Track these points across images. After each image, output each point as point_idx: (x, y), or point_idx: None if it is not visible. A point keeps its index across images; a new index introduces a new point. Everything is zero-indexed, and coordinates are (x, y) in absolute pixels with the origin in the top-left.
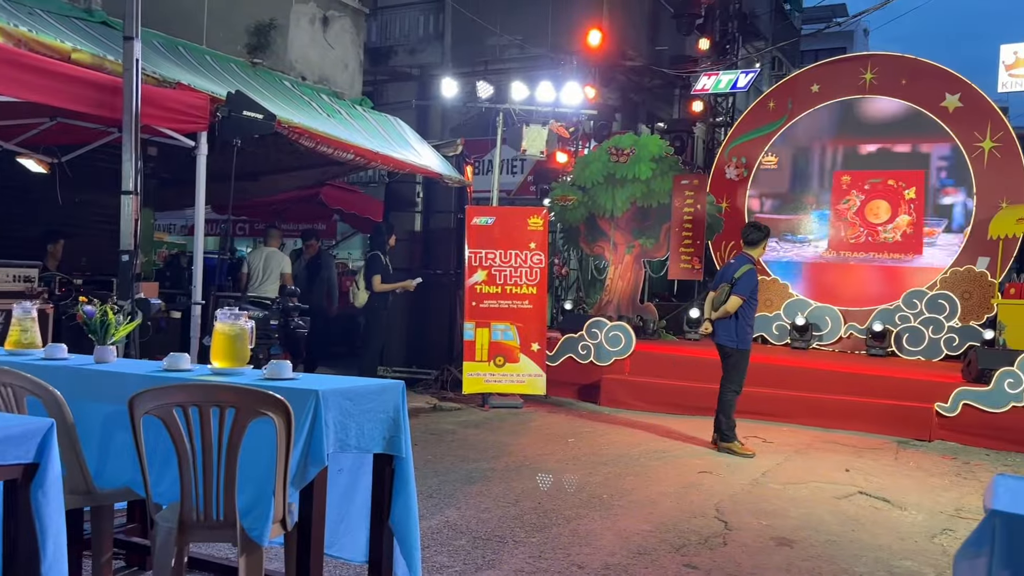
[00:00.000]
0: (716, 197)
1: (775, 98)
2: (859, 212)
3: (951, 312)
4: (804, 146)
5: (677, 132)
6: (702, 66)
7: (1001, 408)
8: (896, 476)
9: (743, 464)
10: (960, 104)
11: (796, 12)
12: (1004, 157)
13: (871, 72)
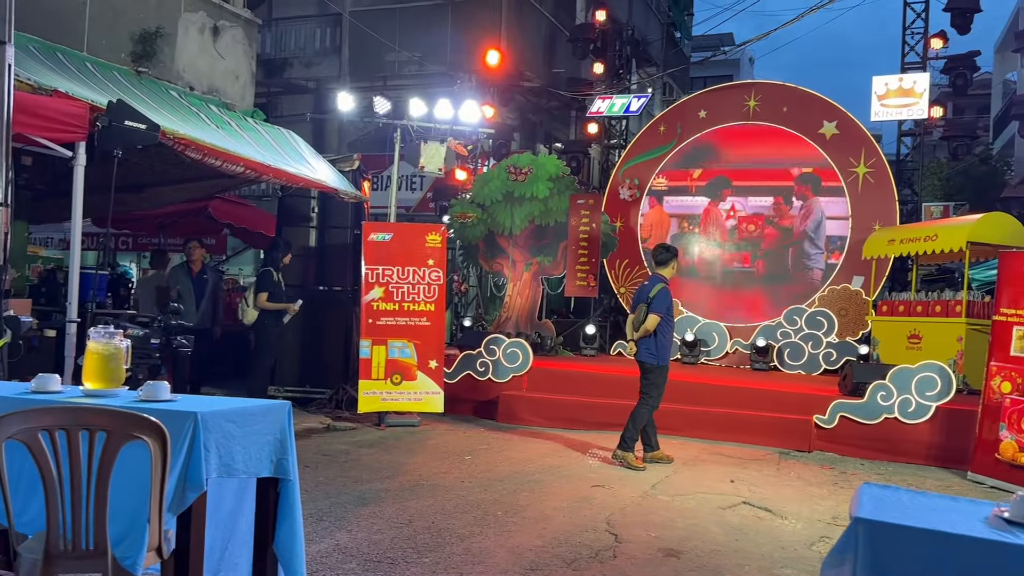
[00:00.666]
0: (611, 217)
1: (665, 122)
2: (743, 233)
3: (829, 328)
4: (693, 169)
5: (574, 153)
6: (597, 89)
7: (874, 420)
8: (778, 486)
9: (634, 477)
10: (837, 131)
11: (686, 40)
12: (877, 182)
13: (754, 99)
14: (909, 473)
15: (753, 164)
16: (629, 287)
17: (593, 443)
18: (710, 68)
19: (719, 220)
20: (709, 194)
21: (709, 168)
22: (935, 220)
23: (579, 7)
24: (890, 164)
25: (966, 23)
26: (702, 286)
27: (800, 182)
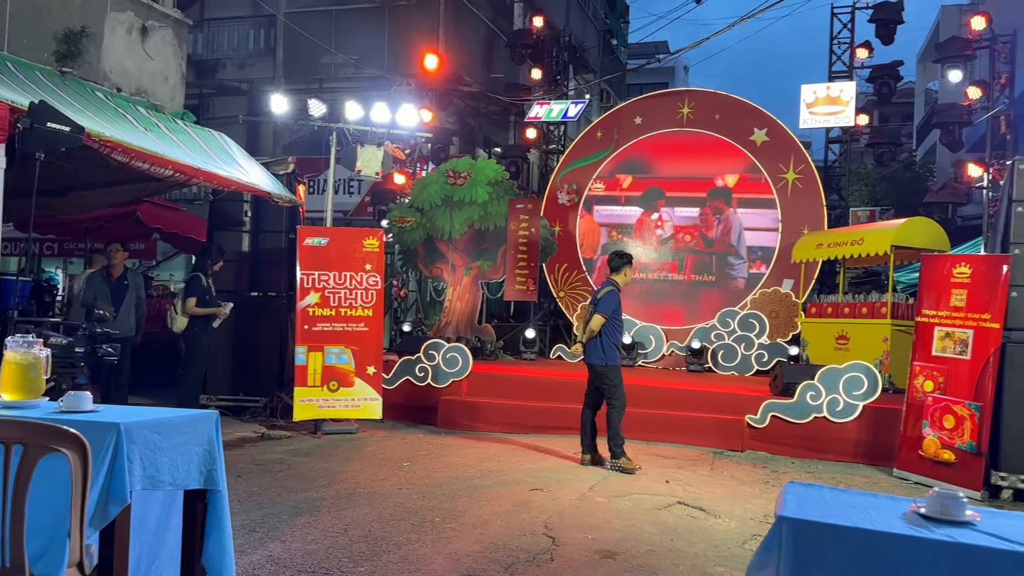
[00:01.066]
0: (550, 221)
1: (602, 128)
2: (678, 237)
3: (760, 330)
4: (628, 176)
5: (513, 157)
6: (535, 95)
7: (804, 419)
8: (712, 486)
9: (572, 480)
10: (767, 138)
11: (622, 47)
12: (805, 188)
13: (688, 107)
14: (838, 471)
15: (686, 174)
16: (568, 291)
17: (533, 447)
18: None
19: (651, 229)
20: (643, 204)
21: (643, 178)
22: (861, 225)
23: (517, 13)
24: (818, 170)
25: (889, 34)
26: (638, 290)
27: (712, 197)
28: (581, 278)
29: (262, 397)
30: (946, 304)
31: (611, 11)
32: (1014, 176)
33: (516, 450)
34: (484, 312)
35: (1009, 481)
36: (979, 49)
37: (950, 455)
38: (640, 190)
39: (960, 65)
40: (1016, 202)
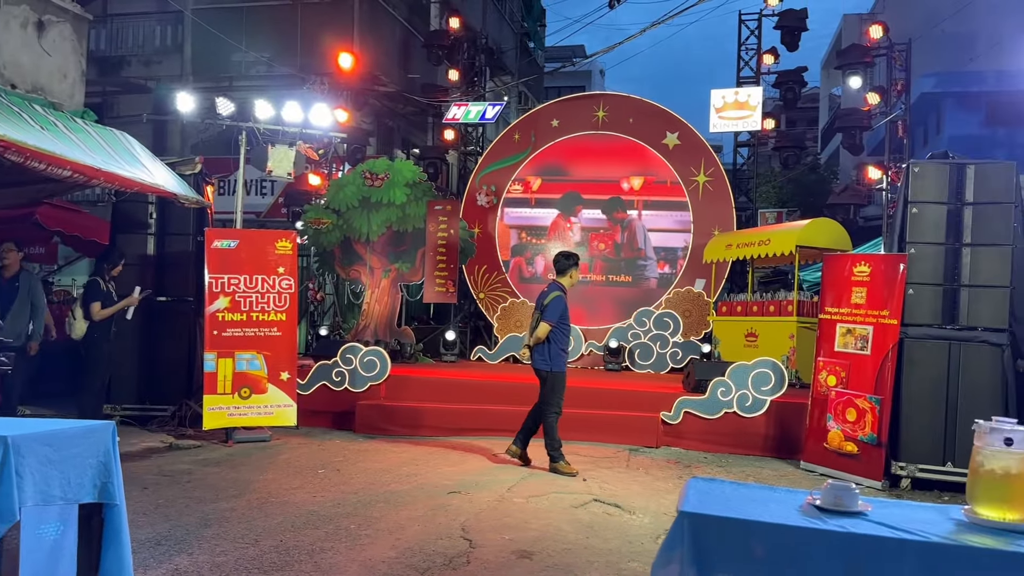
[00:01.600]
0: (469, 223)
1: (520, 130)
2: (594, 238)
3: (675, 329)
4: (546, 176)
5: (431, 159)
6: (453, 96)
7: (715, 415)
8: (627, 482)
9: (491, 482)
10: (679, 142)
11: (539, 50)
12: (715, 190)
13: (603, 110)
14: (748, 464)
15: (602, 177)
16: (489, 292)
17: (453, 449)
18: (564, 79)
19: (565, 232)
20: (560, 207)
21: (560, 180)
22: (769, 226)
23: (433, 13)
24: (728, 173)
25: (794, 41)
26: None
27: (611, 207)
28: (501, 279)
29: (170, 406)
30: (847, 302)
31: (528, 14)
32: (909, 178)
33: (435, 453)
34: (403, 315)
35: (908, 471)
36: (877, 56)
37: (853, 447)
38: (557, 192)
39: (860, 72)
40: (911, 203)
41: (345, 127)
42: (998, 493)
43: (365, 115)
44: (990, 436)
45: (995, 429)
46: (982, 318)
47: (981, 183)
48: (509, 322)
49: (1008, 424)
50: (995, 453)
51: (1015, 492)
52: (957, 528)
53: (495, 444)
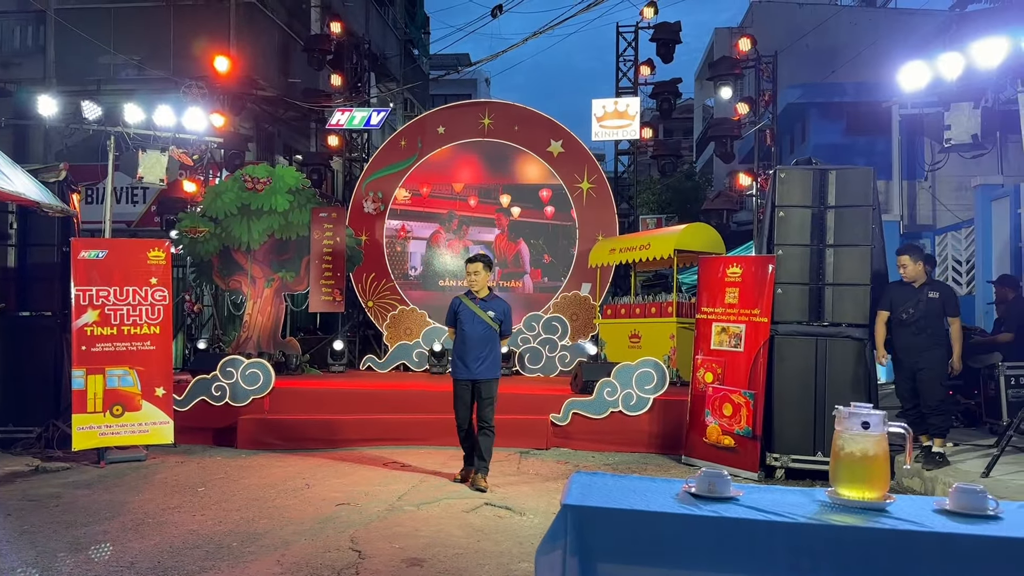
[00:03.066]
0: (355, 230)
1: (406, 136)
2: (484, 246)
3: (563, 332)
4: (433, 183)
5: (315, 165)
6: (336, 101)
7: (602, 414)
8: (518, 484)
9: (381, 491)
10: (563, 150)
11: (424, 58)
12: (599, 196)
13: (488, 118)
14: (634, 461)
15: (488, 184)
16: (378, 301)
17: (339, 461)
18: (450, 86)
19: (453, 239)
20: (447, 215)
21: (447, 186)
22: (649, 231)
23: (314, 18)
24: (610, 180)
25: (669, 53)
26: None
27: (532, 196)
28: (390, 287)
29: (36, 427)
30: (722, 302)
31: (411, 22)
32: (776, 184)
33: (323, 466)
34: (288, 325)
35: (781, 461)
36: (746, 69)
37: (730, 440)
38: (445, 197)
39: (730, 83)
40: (778, 207)
41: (222, 132)
42: (858, 474)
43: (244, 120)
44: (849, 420)
45: (853, 414)
46: (845, 314)
47: (842, 188)
48: (399, 330)
49: (865, 409)
50: (854, 436)
51: (873, 472)
52: (821, 509)
53: (386, 454)
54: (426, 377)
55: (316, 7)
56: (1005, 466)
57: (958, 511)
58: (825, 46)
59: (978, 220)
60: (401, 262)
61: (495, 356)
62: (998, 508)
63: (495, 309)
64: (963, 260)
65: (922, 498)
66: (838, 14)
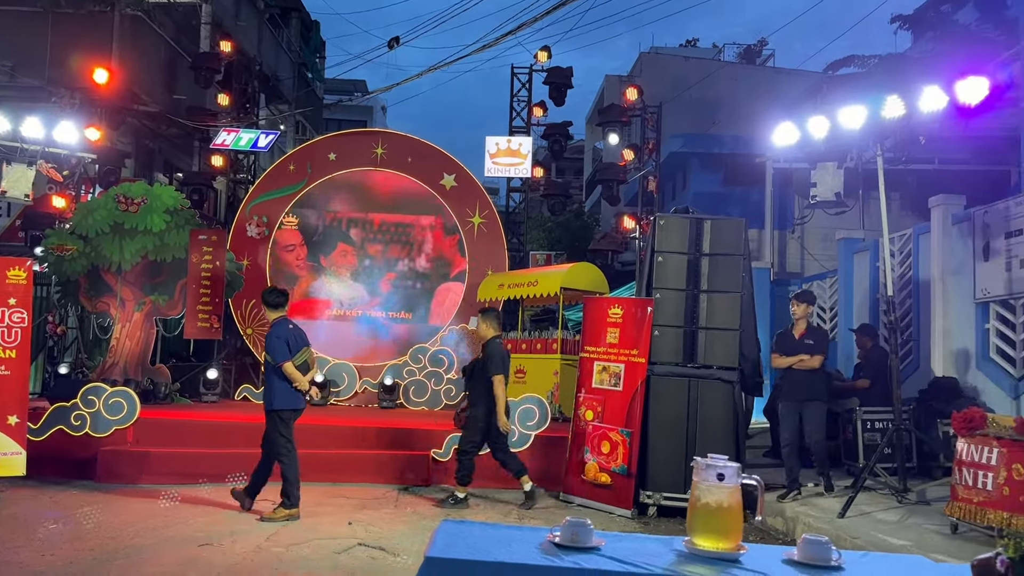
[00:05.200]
0: (237, 254)
1: (295, 161)
2: (374, 276)
3: (449, 366)
4: (322, 210)
5: (197, 185)
6: (222, 121)
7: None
8: (394, 523)
9: (249, 531)
10: (456, 184)
11: (319, 82)
12: (489, 231)
13: (382, 147)
14: (513, 497)
15: (381, 213)
16: (257, 328)
17: (208, 499)
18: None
19: (344, 265)
20: (339, 239)
21: (339, 213)
22: (537, 267)
23: (204, 35)
24: (502, 216)
25: (561, 96)
26: (332, 327)
27: (423, 228)
28: None
29: None
30: (604, 341)
31: (306, 45)
32: (656, 230)
33: (187, 502)
34: (159, 351)
35: (654, 499)
36: (633, 117)
37: (607, 478)
38: (334, 226)
39: (618, 129)
40: (657, 252)
41: (98, 146)
42: (713, 524)
43: (122, 135)
44: (705, 472)
45: (710, 465)
46: (716, 357)
47: (716, 236)
48: None
49: (721, 460)
50: (710, 488)
51: (727, 523)
52: (678, 559)
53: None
54: (305, 409)
55: (207, 24)
56: (859, 506)
57: (804, 562)
58: (708, 99)
59: (841, 271)
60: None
61: (268, 386)
62: (840, 559)
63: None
64: (827, 308)
65: (773, 548)
66: (721, 69)
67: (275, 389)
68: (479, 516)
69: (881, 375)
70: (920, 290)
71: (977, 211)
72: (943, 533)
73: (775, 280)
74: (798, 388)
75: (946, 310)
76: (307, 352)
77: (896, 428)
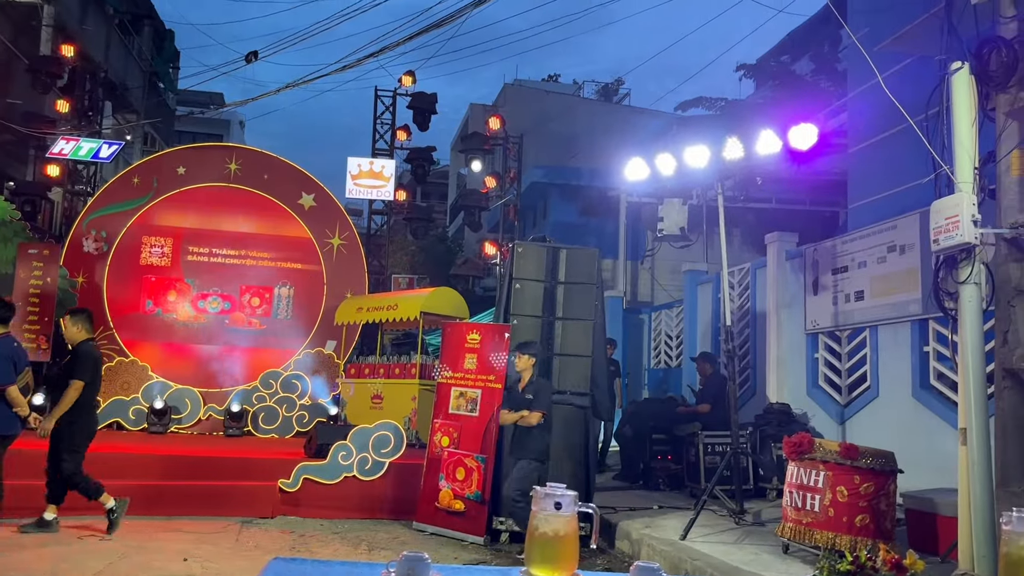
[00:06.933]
0: (72, 271)
1: (140, 174)
2: (222, 296)
3: (303, 391)
4: (163, 225)
5: (29, 195)
6: (61, 129)
7: (335, 479)
8: (234, 558)
9: (71, 569)
10: (315, 203)
11: (171, 92)
12: (349, 253)
13: (236, 163)
14: (364, 528)
15: (232, 231)
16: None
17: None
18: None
19: (184, 288)
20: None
21: (183, 229)
22: (398, 291)
23: (44, 38)
24: (363, 238)
25: (425, 121)
26: (175, 350)
27: (278, 248)
28: (107, 335)
29: None
30: (461, 367)
31: (158, 54)
32: (514, 258)
33: (7, 538)
34: None
35: (506, 525)
36: (496, 146)
37: (460, 504)
38: (179, 243)
39: (481, 157)
40: (515, 279)
41: None
42: (549, 553)
43: None
44: (544, 501)
45: (548, 495)
46: (570, 382)
47: (572, 265)
48: (115, 384)
49: (559, 489)
50: (547, 517)
51: (563, 552)
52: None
53: (83, 524)
54: (142, 437)
55: (48, 27)
56: (700, 528)
57: None
58: (568, 132)
59: (687, 301)
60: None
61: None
62: None
63: None
64: (674, 335)
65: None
66: (580, 104)
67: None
68: (327, 548)
69: (721, 400)
70: (757, 320)
71: (808, 248)
72: (776, 553)
73: (627, 308)
74: (517, 444)
75: (780, 340)
76: (27, 374)
77: (733, 451)
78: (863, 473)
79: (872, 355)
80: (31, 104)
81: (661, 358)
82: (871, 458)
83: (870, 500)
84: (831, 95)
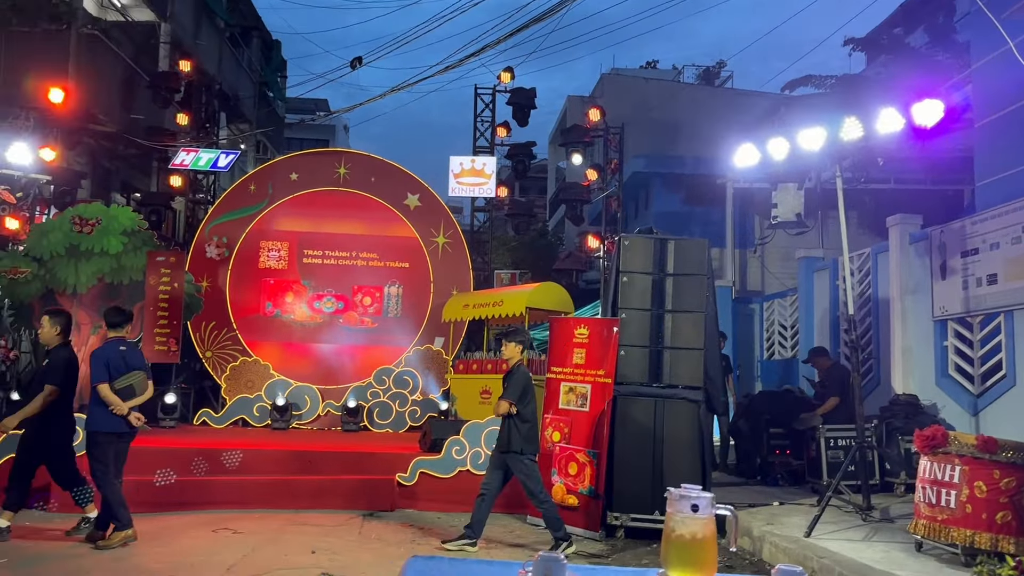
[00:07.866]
0: (196, 276)
1: (256, 181)
2: (336, 297)
3: (414, 387)
4: (280, 230)
5: (155, 205)
6: (181, 141)
7: (450, 473)
8: (358, 551)
9: (206, 563)
10: (420, 203)
11: (280, 101)
12: (454, 251)
13: (344, 167)
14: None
15: (343, 234)
16: (217, 351)
17: (168, 526)
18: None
19: (302, 290)
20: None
21: (298, 233)
22: (502, 287)
23: (163, 55)
24: (466, 235)
25: (524, 117)
26: (296, 350)
27: (387, 248)
28: (232, 337)
29: None
30: (570, 362)
31: (267, 65)
32: (620, 250)
33: (144, 532)
34: None
35: (621, 520)
36: (596, 137)
37: (574, 500)
38: (295, 247)
39: (581, 149)
40: (622, 272)
41: (53, 167)
42: (687, 557)
43: (79, 155)
44: (679, 503)
45: (684, 496)
46: (681, 377)
47: (680, 256)
48: (239, 383)
49: (695, 491)
50: (684, 519)
51: (702, 555)
52: None
53: (216, 518)
54: (266, 433)
55: (166, 44)
56: (825, 524)
57: None
58: (669, 119)
59: (801, 289)
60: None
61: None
62: None
63: None
64: (788, 325)
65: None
66: (681, 90)
67: (91, 410)
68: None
69: (847, 392)
70: (879, 308)
71: (934, 230)
72: (908, 551)
73: (736, 298)
74: (500, 438)
75: (905, 328)
76: (134, 376)
77: (859, 446)
78: (1003, 467)
79: (1007, 342)
80: (152, 118)
81: (775, 349)
82: (1012, 451)
83: (1012, 496)
84: (949, 68)
